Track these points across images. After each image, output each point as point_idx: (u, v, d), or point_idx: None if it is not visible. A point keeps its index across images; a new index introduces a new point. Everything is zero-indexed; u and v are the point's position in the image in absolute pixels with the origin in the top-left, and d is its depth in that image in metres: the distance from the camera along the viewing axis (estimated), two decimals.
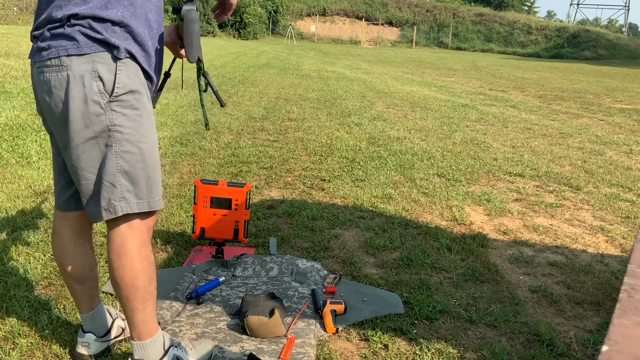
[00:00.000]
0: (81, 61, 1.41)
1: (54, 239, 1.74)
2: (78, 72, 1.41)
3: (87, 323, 1.84)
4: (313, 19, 42.56)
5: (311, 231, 3.15)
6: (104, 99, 1.43)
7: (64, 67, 1.41)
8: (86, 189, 1.51)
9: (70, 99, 1.42)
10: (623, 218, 3.77)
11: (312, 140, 5.60)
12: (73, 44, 1.40)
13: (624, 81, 17.48)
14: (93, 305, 1.83)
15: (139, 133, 1.50)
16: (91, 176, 1.49)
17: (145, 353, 1.65)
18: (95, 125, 1.44)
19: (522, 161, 5.26)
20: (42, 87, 1.46)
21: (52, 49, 1.42)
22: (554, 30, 41.81)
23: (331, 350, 1.99)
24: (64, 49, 1.40)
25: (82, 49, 1.40)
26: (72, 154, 1.47)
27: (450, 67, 19.74)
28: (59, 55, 1.41)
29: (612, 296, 2.59)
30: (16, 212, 3.10)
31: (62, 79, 1.42)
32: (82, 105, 1.42)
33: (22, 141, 4.62)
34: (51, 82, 1.43)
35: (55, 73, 1.42)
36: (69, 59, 1.40)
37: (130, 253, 1.55)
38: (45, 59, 1.42)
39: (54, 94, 1.43)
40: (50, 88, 1.44)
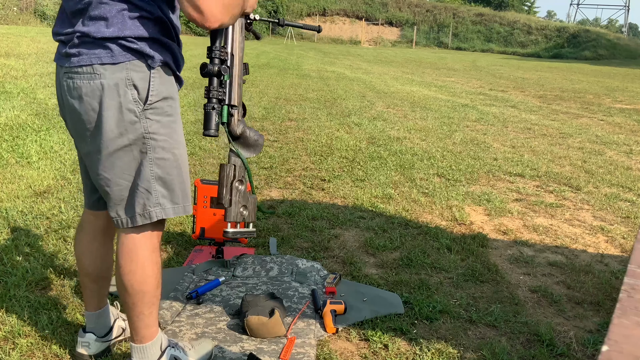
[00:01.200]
0: (115, 69, 1.40)
1: (80, 235, 1.77)
2: (112, 80, 1.41)
3: (91, 321, 1.84)
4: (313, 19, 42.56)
5: (311, 231, 3.15)
6: (138, 107, 1.44)
7: (97, 75, 1.40)
8: (117, 196, 1.51)
9: (105, 108, 1.42)
10: (623, 218, 3.77)
11: (312, 140, 5.59)
12: (107, 52, 1.40)
13: (624, 81, 17.48)
14: (101, 305, 1.85)
15: (173, 139, 1.51)
16: (124, 183, 1.49)
17: (144, 355, 1.67)
18: (130, 133, 1.44)
19: (522, 161, 5.26)
20: (70, 93, 1.45)
21: (83, 55, 1.41)
22: (554, 30, 41.81)
23: (331, 350, 1.99)
24: (97, 57, 1.40)
25: (117, 57, 1.40)
26: (103, 161, 1.47)
27: (450, 67, 19.74)
28: (92, 63, 1.40)
29: (612, 296, 2.59)
30: (16, 212, 3.10)
31: (94, 86, 1.41)
32: (117, 113, 1.42)
33: (22, 141, 4.62)
34: (82, 90, 1.42)
35: (87, 80, 1.41)
36: (103, 67, 1.40)
37: (142, 258, 1.56)
38: (75, 65, 1.41)
39: (85, 101, 1.42)
40: (81, 95, 1.43)
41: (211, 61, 1.46)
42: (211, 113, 1.44)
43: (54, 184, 3.65)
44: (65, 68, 1.44)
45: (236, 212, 1.51)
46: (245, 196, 1.54)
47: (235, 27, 1.51)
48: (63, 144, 4.65)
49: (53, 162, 4.14)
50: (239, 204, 1.52)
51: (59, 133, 5.00)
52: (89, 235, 1.76)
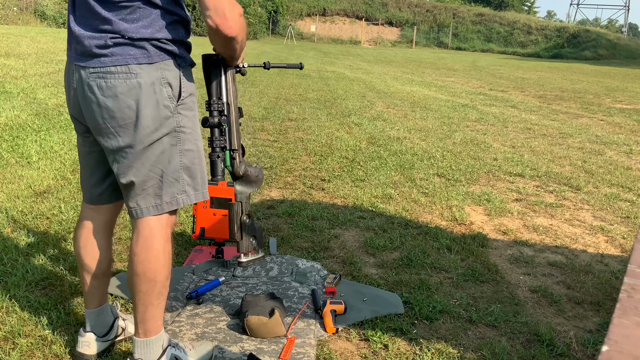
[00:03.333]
0: (151, 69, 1.49)
1: (79, 231, 1.78)
2: (149, 79, 1.49)
3: (91, 320, 1.85)
4: (313, 19, 42.56)
5: (311, 231, 3.15)
6: (172, 103, 1.54)
7: (134, 75, 1.47)
8: (141, 186, 1.57)
9: (142, 105, 1.49)
10: (623, 218, 3.77)
11: (312, 140, 5.60)
12: (142, 52, 1.48)
13: (624, 81, 17.48)
14: (101, 302, 1.85)
15: (196, 132, 1.62)
16: (152, 174, 1.56)
17: (147, 351, 1.68)
18: (165, 127, 1.54)
19: (522, 161, 5.26)
20: (103, 92, 1.49)
21: (117, 56, 1.47)
22: (554, 30, 41.81)
23: (331, 350, 1.99)
24: (133, 57, 1.47)
25: (152, 57, 1.49)
26: (137, 154, 1.54)
27: (450, 67, 19.74)
28: (128, 63, 1.47)
29: (612, 296, 2.59)
30: (16, 212, 3.10)
31: (131, 85, 1.48)
32: (154, 110, 1.51)
33: (22, 141, 4.62)
34: (118, 89, 1.47)
35: (123, 80, 1.47)
36: (140, 67, 1.47)
37: (157, 247, 1.62)
38: (108, 66, 1.47)
39: (121, 99, 1.48)
40: (116, 94, 1.48)
41: (211, 114, 1.65)
42: (217, 161, 1.63)
43: (54, 184, 3.65)
44: (94, 68, 1.49)
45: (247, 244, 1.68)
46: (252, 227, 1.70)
47: (229, 78, 1.69)
48: (63, 144, 4.65)
49: (53, 162, 4.14)
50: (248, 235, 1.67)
51: (59, 133, 5.00)
52: (89, 230, 1.77)
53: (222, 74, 1.69)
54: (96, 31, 1.48)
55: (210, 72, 1.70)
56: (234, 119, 1.65)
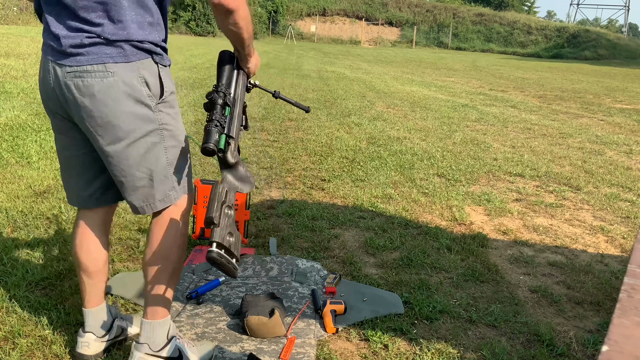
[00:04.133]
0: (128, 68, 1.47)
1: (75, 230, 1.80)
2: (127, 78, 1.47)
3: (90, 319, 1.85)
4: (313, 19, 42.56)
5: (311, 231, 3.15)
6: (153, 101, 1.53)
7: (110, 74, 1.46)
8: (134, 185, 1.58)
9: (120, 104, 1.48)
10: (623, 218, 3.77)
11: (312, 140, 5.60)
12: (119, 51, 1.46)
13: (624, 81, 17.48)
14: (99, 302, 1.86)
15: (178, 128, 1.62)
16: (141, 174, 1.57)
17: (152, 335, 1.70)
18: (146, 125, 1.53)
19: (522, 161, 5.26)
20: (80, 91, 1.48)
21: (92, 55, 1.45)
22: (554, 30, 41.81)
23: (331, 350, 1.99)
24: (109, 57, 1.46)
25: (129, 57, 1.47)
26: (120, 154, 1.53)
27: (450, 67, 19.74)
28: (104, 62, 1.45)
29: (612, 296, 2.59)
30: (16, 212, 3.10)
31: (108, 84, 1.46)
32: (133, 108, 1.50)
33: (22, 141, 4.62)
34: (95, 87, 1.46)
35: (99, 79, 1.46)
36: (116, 66, 1.46)
37: (174, 228, 1.67)
38: (84, 65, 1.46)
39: (98, 98, 1.47)
40: (93, 93, 1.47)
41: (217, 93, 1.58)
42: (212, 130, 1.50)
43: (54, 184, 3.65)
44: (70, 67, 1.47)
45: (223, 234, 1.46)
46: (232, 224, 1.52)
47: (239, 82, 1.68)
48: None
49: (53, 162, 4.14)
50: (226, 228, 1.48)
51: None
52: (84, 229, 1.79)
53: (234, 70, 1.69)
54: (72, 30, 1.46)
55: (223, 66, 1.67)
56: (237, 112, 1.64)
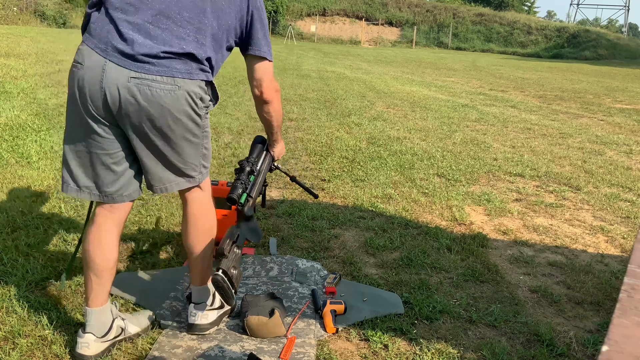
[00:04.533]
0: (191, 84, 1.73)
1: (92, 230, 1.85)
2: (190, 92, 1.73)
3: (92, 319, 1.86)
4: (313, 19, 42.56)
5: (311, 231, 3.15)
6: (202, 111, 1.81)
7: (177, 87, 1.70)
8: (175, 170, 1.85)
9: (181, 113, 1.74)
10: (623, 218, 3.77)
11: (312, 140, 5.60)
12: (187, 69, 1.71)
13: (624, 81, 17.48)
14: (104, 301, 1.88)
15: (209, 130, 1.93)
16: (180, 164, 1.84)
17: (204, 296, 2.04)
18: (196, 130, 1.82)
19: (522, 161, 5.26)
20: (145, 98, 1.67)
21: (162, 67, 1.67)
22: (554, 30, 41.79)
23: (331, 350, 1.99)
24: (178, 72, 1.70)
25: (193, 74, 1.73)
26: (170, 151, 1.79)
27: (450, 67, 19.74)
28: (174, 75, 1.69)
29: (612, 296, 2.59)
30: (16, 212, 3.10)
31: (175, 96, 1.70)
32: (190, 116, 1.77)
33: (22, 141, 4.62)
34: (163, 98, 1.69)
35: (168, 91, 1.69)
36: (183, 81, 1.70)
37: (211, 209, 2.01)
38: (154, 74, 1.66)
39: (165, 107, 1.70)
40: (160, 102, 1.68)
41: (247, 162, 2.07)
42: (237, 185, 1.97)
43: (54, 184, 3.65)
44: (136, 73, 1.65)
45: (229, 265, 1.84)
46: (238, 262, 1.91)
47: (265, 160, 2.16)
48: None
49: (53, 162, 4.14)
50: (232, 261, 1.86)
51: (59, 133, 5.00)
52: (101, 229, 1.85)
53: (263, 151, 2.17)
54: (152, 39, 1.67)
55: (256, 145, 2.16)
56: (259, 181, 2.09)
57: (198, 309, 2.02)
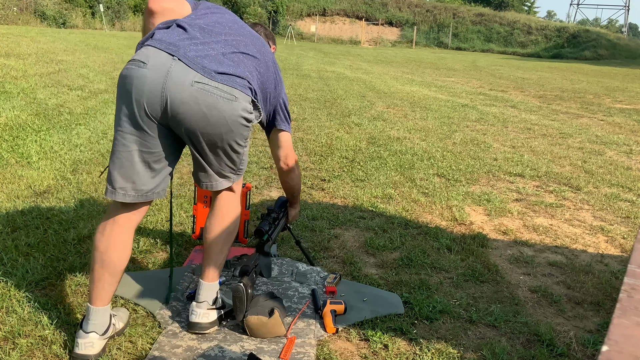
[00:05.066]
0: (246, 98, 1.85)
1: (113, 230, 1.87)
2: (245, 104, 1.84)
3: (96, 318, 1.86)
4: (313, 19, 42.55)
5: (311, 231, 3.15)
6: (250, 124, 1.92)
7: (235, 98, 1.81)
8: (218, 171, 1.96)
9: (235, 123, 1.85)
10: (623, 218, 3.77)
11: (312, 140, 5.60)
12: (243, 84, 1.85)
13: (624, 81, 17.48)
14: (109, 300, 1.90)
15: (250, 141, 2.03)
16: (225, 166, 1.96)
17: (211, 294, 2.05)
18: (243, 141, 1.93)
19: (522, 161, 5.26)
20: (203, 102, 1.76)
21: (225, 77, 1.80)
22: (554, 30, 41.78)
23: (331, 350, 1.99)
24: (238, 85, 1.82)
25: (248, 91, 1.86)
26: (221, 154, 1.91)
27: (450, 67, 19.74)
28: (234, 87, 1.80)
29: (612, 296, 2.59)
30: (16, 212, 3.10)
31: (232, 106, 1.81)
32: (243, 126, 1.88)
33: (22, 141, 4.62)
34: (222, 105, 1.79)
35: (228, 100, 1.80)
36: (240, 94, 1.82)
37: (237, 210, 2.10)
38: (218, 82, 1.77)
39: (221, 114, 1.80)
40: (219, 109, 1.79)
41: (274, 212, 2.49)
42: (266, 222, 2.39)
43: (54, 184, 3.65)
44: (203, 77, 1.76)
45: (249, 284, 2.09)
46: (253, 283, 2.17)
47: (284, 217, 2.57)
48: (63, 144, 4.65)
49: (53, 162, 4.14)
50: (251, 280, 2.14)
51: (59, 133, 5.01)
52: (119, 228, 1.87)
53: (285, 208, 2.58)
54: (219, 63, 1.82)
55: (280, 202, 2.57)
56: (278, 229, 2.49)
57: (200, 307, 2.03)
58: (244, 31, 2.01)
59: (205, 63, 1.78)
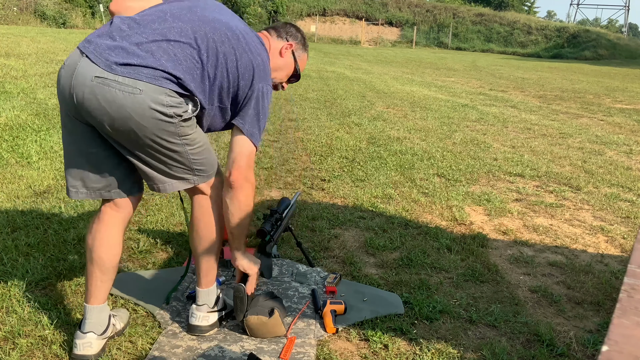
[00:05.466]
0: (156, 90, 1.65)
1: (97, 227, 1.87)
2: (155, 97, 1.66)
3: (93, 317, 1.86)
4: (313, 19, 42.56)
5: (311, 231, 3.15)
6: (174, 120, 1.71)
7: (139, 90, 1.64)
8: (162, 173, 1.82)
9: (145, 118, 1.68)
10: (623, 218, 3.77)
11: (312, 140, 5.60)
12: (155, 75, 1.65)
13: (624, 81, 17.48)
14: (105, 298, 1.89)
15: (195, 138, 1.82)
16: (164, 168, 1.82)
17: (209, 299, 2.03)
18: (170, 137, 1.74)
19: (522, 161, 5.26)
20: (102, 97, 1.64)
21: (129, 70, 1.64)
22: (554, 30, 41.78)
23: (331, 350, 1.99)
24: (145, 76, 1.64)
25: (162, 82, 1.66)
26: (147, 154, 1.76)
27: (450, 67, 19.74)
28: (138, 78, 1.63)
29: (612, 296, 2.59)
30: (16, 212, 3.10)
31: (136, 100, 1.65)
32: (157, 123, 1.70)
33: (22, 141, 4.62)
34: (121, 100, 1.64)
35: (128, 94, 1.65)
36: (146, 85, 1.64)
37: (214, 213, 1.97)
38: (118, 74, 1.63)
39: (123, 109, 1.65)
40: (119, 104, 1.65)
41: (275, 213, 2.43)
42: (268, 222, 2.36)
43: (54, 184, 3.65)
44: (104, 72, 1.63)
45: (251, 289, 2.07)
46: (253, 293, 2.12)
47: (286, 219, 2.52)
48: None
49: (53, 162, 4.14)
50: None
51: (59, 133, 5.00)
52: (106, 225, 1.88)
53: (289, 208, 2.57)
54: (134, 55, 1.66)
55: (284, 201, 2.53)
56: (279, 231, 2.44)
57: (200, 310, 2.02)
58: (204, 17, 1.78)
59: (111, 56, 1.64)
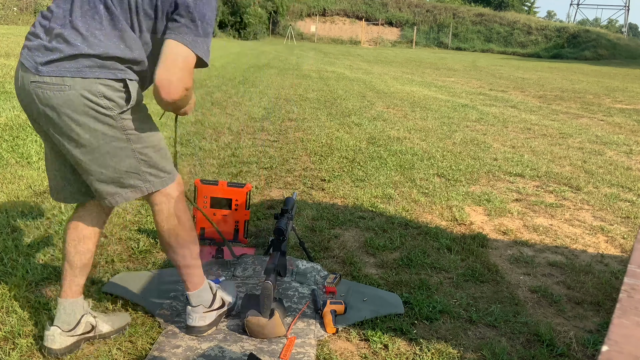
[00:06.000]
0: (85, 82, 1.57)
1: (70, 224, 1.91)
2: (86, 91, 1.58)
3: (61, 310, 1.88)
4: (313, 19, 42.57)
5: (311, 231, 3.15)
6: (113, 112, 1.63)
7: (68, 87, 1.58)
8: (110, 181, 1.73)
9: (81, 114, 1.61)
10: (623, 218, 3.77)
11: (312, 140, 5.60)
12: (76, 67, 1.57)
13: (624, 81, 17.48)
14: (75, 294, 1.90)
15: (141, 133, 1.73)
16: (111, 173, 1.73)
17: (201, 299, 2.00)
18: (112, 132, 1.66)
19: (522, 161, 5.26)
20: (38, 99, 1.62)
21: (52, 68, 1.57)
22: (554, 30, 41.80)
23: (331, 350, 1.99)
24: (67, 71, 1.57)
25: (85, 73, 1.57)
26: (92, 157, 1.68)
27: (450, 67, 19.74)
28: (62, 75, 1.57)
29: (612, 296, 2.59)
30: (16, 212, 3.10)
31: (66, 96, 1.59)
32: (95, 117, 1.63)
33: (22, 141, 4.62)
34: (52, 99, 1.60)
35: (58, 92, 1.59)
36: (73, 80, 1.57)
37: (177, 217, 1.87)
38: (44, 75, 1.57)
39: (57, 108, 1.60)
40: (52, 104, 1.61)
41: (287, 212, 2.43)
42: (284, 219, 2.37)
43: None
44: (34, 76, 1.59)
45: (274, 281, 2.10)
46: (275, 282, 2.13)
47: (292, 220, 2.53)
48: None
49: None
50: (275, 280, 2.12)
51: None
52: (78, 224, 1.90)
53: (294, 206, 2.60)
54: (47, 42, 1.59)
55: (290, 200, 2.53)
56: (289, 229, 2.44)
57: (195, 311, 2.01)
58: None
59: (37, 57, 1.58)
